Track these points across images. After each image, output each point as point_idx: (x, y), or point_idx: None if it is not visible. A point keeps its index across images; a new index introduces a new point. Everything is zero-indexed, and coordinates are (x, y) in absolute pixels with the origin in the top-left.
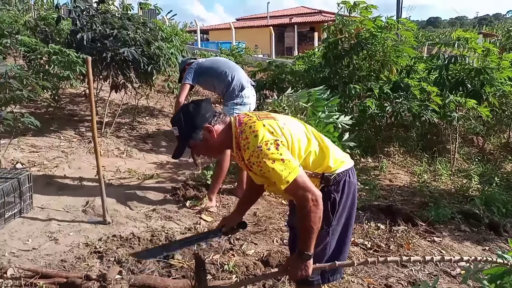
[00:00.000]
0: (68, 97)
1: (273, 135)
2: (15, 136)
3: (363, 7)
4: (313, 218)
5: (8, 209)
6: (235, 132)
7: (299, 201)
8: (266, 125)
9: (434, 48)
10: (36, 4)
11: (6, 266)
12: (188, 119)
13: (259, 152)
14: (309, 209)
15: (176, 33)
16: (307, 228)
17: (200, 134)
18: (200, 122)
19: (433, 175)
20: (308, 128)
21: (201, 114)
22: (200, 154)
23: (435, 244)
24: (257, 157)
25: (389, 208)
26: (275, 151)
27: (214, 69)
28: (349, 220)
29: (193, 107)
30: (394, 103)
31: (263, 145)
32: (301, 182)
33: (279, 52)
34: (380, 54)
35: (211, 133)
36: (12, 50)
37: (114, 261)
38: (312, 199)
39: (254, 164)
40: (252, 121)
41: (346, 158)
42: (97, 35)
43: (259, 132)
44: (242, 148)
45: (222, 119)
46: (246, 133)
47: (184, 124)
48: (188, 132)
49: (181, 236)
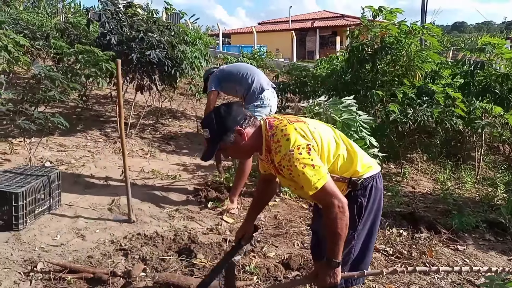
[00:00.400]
0: (95, 98)
1: (304, 139)
2: (44, 135)
3: (388, 11)
4: (340, 225)
5: (39, 205)
6: (265, 135)
7: (326, 208)
8: (297, 128)
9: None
10: (64, 8)
11: (36, 260)
12: (220, 121)
13: (290, 156)
14: (336, 215)
15: (200, 37)
16: (334, 235)
17: (231, 136)
18: (231, 124)
19: (457, 183)
20: (336, 132)
21: (232, 116)
22: (228, 156)
23: (459, 252)
24: (288, 161)
25: (411, 214)
26: (307, 156)
27: (234, 74)
28: (374, 225)
29: (225, 109)
30: (417, 109)
31: (295, 149)
32: (329, 189)
33: (300, 56)
34: (404, 59)
35: (242, 136)
36: (42, 51)
37: (138, 259)
38: (339, 205)
39: (284, 168)
40: (283, 124)
41: (374, 163)
42: (124, 38)
43: (291, 135)
44: (273, 151)
45: (252, 122)
46: (278, 136)
47: (215, 126)
48: (219, 134)
49: (203, 236)
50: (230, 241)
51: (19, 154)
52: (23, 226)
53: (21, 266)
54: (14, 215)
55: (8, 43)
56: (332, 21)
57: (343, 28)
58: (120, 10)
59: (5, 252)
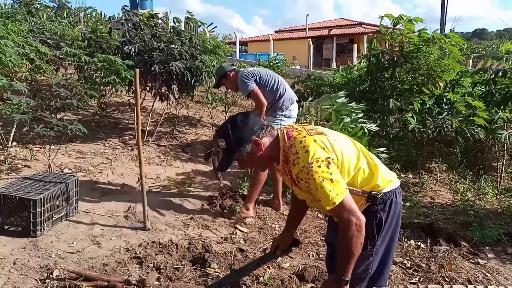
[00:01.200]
0: (113, 106)
1: (324, 151)
2: (63, 142)
3: (407, 20)
4: (355, 244)
5: (56, 212)
6: (283, 146)
7: (342, 224)
8: (317, 140)
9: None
10: (85, 17)
11: (52, 267)
12: (236, 131)
13: (309, 169)
14: (352, 233)
15: (219, 45)
16: (348, 254)
17: (247, 147)
18: (248, 135)
19: (477, 194)
20: (357, 145)
21: (249, 126)
22: (245, 167)
23: (480, 266)
24: (307, 174)
25: (430, 226)
26: (326, 170)
27: (268, 80)
28: (393, 240)
29: (241, 119)
30: (436, 118)
31: (314, 162)
32: (347, 205)
33: (317, 63)
34: (424, 68)
35: (259, 147)
36: (64, 61)
37: (153, 267)
38: (357, 223)
39: (302, 180)
40: (302, 136)
41: (394, 177)
42: (145, 48)
43: (310, 147)
44: (291, 162)
45: (269, 132)
46: (296, 148)
47: (232, 136)
48: (235, 145)
49: (218, 246)
50: (245, 251)
51: (38, 161)
52: (40, 232)
53: (38, 273)
54: (32, 221)
55: (30, 52)
56: (350, 28)
57: (360, 36)
58: (142, 19)
59: (22, 258)
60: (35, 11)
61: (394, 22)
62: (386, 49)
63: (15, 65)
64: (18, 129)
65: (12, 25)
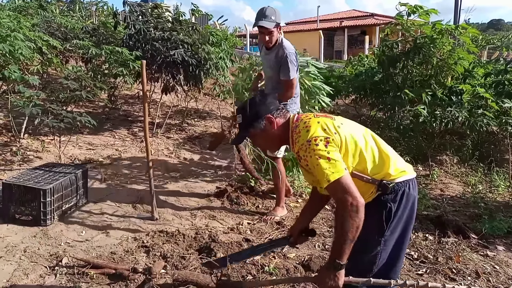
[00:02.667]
0: (123, 98)
1: (325, 132)
2: (74, 133)
3: (423, 11)
4: (350, 225)
5: (66, 201)
6: (291, 127)
7: (337, 203)
8: (320, 122)
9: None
10: (97, 11)
11: (61, 255)
12: (253, 108)
13: (307, 146)
14: (346, 213)
15: (226, 37)
16: (341, 234)
17: (262, 123)
18: (264, 112)
19: (489, 186)
20: (368, 131)
21: (266, 105)
22: (257, 145)
23: (488, 258)
24: (305, 151)
25: (439, 218)
26: (323, 148)
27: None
28: (405, 233)
29: (259, 98)
30: (446, 110)
31: (312, 140)
32: (344, 183)
33: (328, 56)
34: (436, 59)
35: (272, 124)
36: (73, 53)
37: (159, 256)
38: (352, 203)
39: (301, 158)
40: (308, 118)
41: (408, 168)
42: (149, 39)
43: (311, 127)
44: (293, 141)
45: (284, 114)
46: (300, 127)
47: (248, 112)
48: (251, 120)
49: (224, 236)
50: (251, 241)
51: (50, 152)
52: (50, 221)
53: (47, 260)
54: (42, 210)
55: (42, 45)
56: (361, 20)
57: (372, 28)
58: (146, 11)
59: (32, 246)
60: (46, 5)
61: (409, 12)
62: (399, 40)
63: (26, 58)
64: (30, 121)
65: (24, 19)
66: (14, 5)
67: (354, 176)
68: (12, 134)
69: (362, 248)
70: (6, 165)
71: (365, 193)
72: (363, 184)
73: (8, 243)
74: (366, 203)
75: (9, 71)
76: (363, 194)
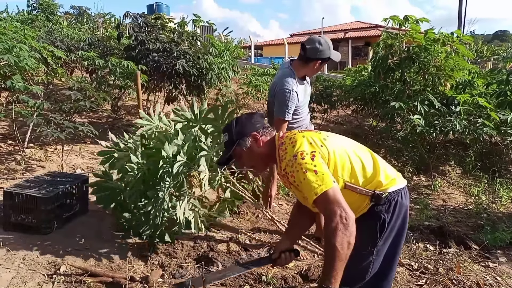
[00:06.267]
0: (127, 109)
1: (311, 146)
2: (77, 143)
3: (414, 21)
4: (340, 239)
5: (66, 210)
6: (277, 144)
7: (326, 217)
8: (305, 136)
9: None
10: (104, 23)
11: (60, 263)
12: (238, 125)
13: (293, 161)
14: (336, 226)
15: (227, 48)
16: (331, 252)
17: (247, 141)
18: (249, 130)
19: (492, 197)
20: (354, 142)
21: (252, 123)
22: (243, 165)
23: (490, 269)
24: (291, 166)
25: (440, 229)
26: (310, 161)
27: None
28: (398, 243)
29: (246, 116)
30: (444, 120)
31: (298, 155)
32: (332, 196)
33: (332, 66)
34: (432, 68)
35: (257, 142)
36: (78, 64)
37: (157, 265)
38: (342, 215)
39: (288, 174)
40: (293, 134)
41: (398, 177)
42: (151, 51)
43: (297, 142)
44: (280, 158)
45: (269, 132)
46: (286, 144)
47: (234, 130)
48: (236, 138)
49: (222, 245)
50: (250, 250)
51: (53, 161)
52: (50, 230)
53: (45, 268)
54: (42, 218)
55: (47, 56)
56: (365, 31)
57: (376, 39)
58: (149, 22)
59: (31, 254)
60: (52, 17)
61: (400, 24)
62: (390, 52)
63: (31, 68)
64: (34, 131)
65: (30, 31)
66: (22, 17)
67: (348, 188)
68: (16, 144)
69: (355, 257)
70: (9, 174)
71: (360, 206)
72: (357, 196)
73: (7, 251)
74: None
75: (13, 81)
76: (358, 207)
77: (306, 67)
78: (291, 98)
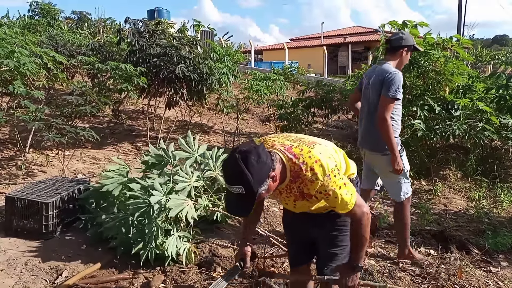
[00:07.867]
0: (128, 114)
1: (330, 159)
2: (78, 148)
3: (412, 25)
4: (367, 234)
5: (68, 215)
6: (290, 166)
7: (358, 218)
8: (321, 152)
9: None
10: (105, 28)
11: (62, 268)
12: (255, 175)
13: (328, 181)
14: (366, 223)
15: (228, 53)
16: (362, 241)
17: (266, 185)
18: (265, 173)
19: (493, 202)
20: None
21: (263, 162)
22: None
23: (492, 274)
24: (326, 187)
25: (441, 233)
26: (339, 177)
27: None
28: None
29: (254, 158)
30: (446, 124)
31: (331, 173)
32: (358, 200)
33: (332, 71)
34: (432, 72)
35: (274, 178)
36: (79, 69)
37: (159, 270)
38: (367, 212)
39: (321, 193)
40: (306, 151)
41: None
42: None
43: (322, 161)
44: (308, 179)
45: (275, 158)
46: (310, 164)
47: (252, 182)
48: (256, 189)
49: (224, 250)
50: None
51: (54, 166)
52: (52, 235)
53: (47, 274)
54: (44, 224)
55: (48, 61)
56: (365, 36)
57: (376, 43)
58: (149, 27)
59: (34, 259)
60: (54, 22)
61: (398, 29)
62: None
63: (32, 73)
64: (35, 136)
65: (31, 36)
66: (23, 23)
67: None
68: (17, 149)
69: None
70: (11, 179)
71: None
72: None
73: (9, 256)
74: None
75: (14, 86)
76: None
77: (395, 58)
78: (400, 80)
